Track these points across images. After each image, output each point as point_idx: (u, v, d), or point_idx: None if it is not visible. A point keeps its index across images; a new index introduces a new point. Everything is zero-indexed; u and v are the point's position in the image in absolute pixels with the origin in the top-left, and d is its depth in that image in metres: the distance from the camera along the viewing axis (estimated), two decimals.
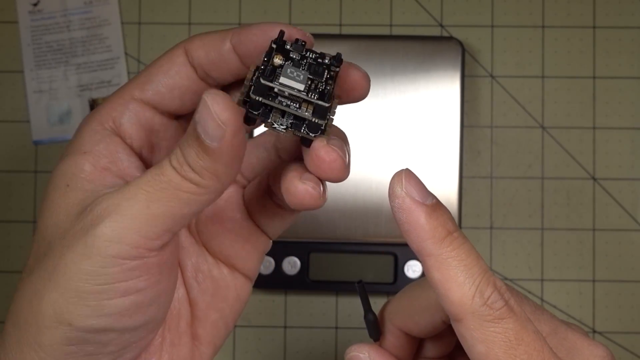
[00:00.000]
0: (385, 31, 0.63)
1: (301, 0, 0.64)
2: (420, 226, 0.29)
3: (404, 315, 0.34)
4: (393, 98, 0.60)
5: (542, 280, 0.62)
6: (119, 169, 0.31)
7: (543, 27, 0.63)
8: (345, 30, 0.63)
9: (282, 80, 0.29)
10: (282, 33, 0.30)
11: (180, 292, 0.34)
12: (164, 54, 0.33)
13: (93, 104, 0.64)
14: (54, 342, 0.29)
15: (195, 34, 0.33)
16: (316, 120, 0.29)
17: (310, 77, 0.29)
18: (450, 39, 0.62)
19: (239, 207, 0.35)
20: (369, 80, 0.31)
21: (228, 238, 0.35)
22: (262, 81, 0.29)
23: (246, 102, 0.29)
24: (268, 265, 0.60)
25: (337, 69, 0.30)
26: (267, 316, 0.62)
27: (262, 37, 0.31)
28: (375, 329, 0.34)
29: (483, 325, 0.29)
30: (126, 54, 0.64)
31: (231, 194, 0.35)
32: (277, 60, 0.29)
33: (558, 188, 0.63)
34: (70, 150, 0.31)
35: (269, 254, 0.59)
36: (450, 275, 0.29)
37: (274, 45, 0.30)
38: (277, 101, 0.29)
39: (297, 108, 0.29)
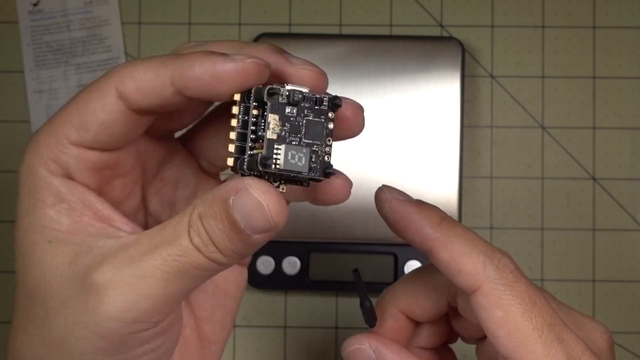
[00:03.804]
0: (385, 31, 0.63)
1: (301, 0, 0.64)
2: (415, 217, 0.31)
3: (408, 297, 0.35)
4: (393, 98, 0.60)
5: (542, 280, 0.62)
6: (95, 213, 0.29)
7: (543, 27, 0.63)
8: (345, 30, 0.63)
9: (283, 164, 0.27)
10: (248, 92, 0.27)
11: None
12: (94, 91, 0.29)
13: None
14: None
15: (125, 69, 0.29)
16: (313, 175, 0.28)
17: (311, 143, 0.27)
18: (450, 39, 0.62)
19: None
20: (363, 114, 0.30)
21: None
22: (261, 168, 0.27)
23: (238, 159, 0.28)
24: (268, 265, 0.60)
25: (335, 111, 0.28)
26: (267, 316, 0.62)
27: (213, 84, 0.27)
28: (372, 316, 0.34)
29: (499, 289, 0.30)
30: (126, 54, 0.64)
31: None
32: (274, 129, 0.27)
33: (558, 188, 0.63)
34: (29, 203, 0.29)
35: (269, 253, 0.60)
36: (457, 251, 0.31)
37: (255, 103, 0.27)
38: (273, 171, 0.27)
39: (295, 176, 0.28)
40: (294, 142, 0.27)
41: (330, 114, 0.28)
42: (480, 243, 0.31)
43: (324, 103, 0.28)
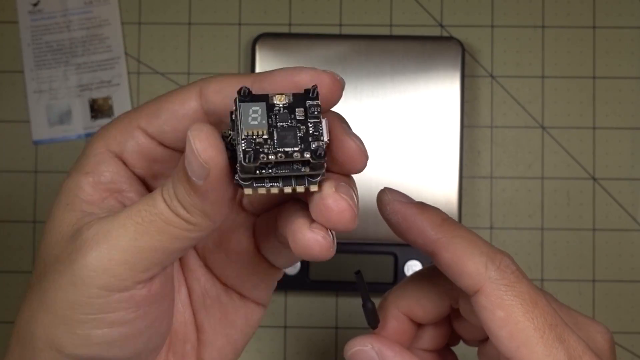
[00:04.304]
0: (385, 31, 0.63)
1: (301, 0, 0.64)
2: (417, 219, 0.32)
3: (411, 299, 0.35)
4: (393, 98, 0.60)
5: (542, 280, 0.62)
6: (119, 193, 0.30)
7: (543, 27, 0.63)
8: (345, 30, 0.64)
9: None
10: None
11: (186, 314, 0.33)
12: (180, 89, 0.31)
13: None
14: None
15: (213, 76, 0.30)
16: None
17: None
18: (450, 39, 0.62)
19: (246, 238, 0.33)
20: (366, 154, 0.30)
21: (233, 268, 0.33)
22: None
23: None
24: None
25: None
26: (267, 316, 0.62)
27: (288, 85, 0.28)
28: (374, 317, 0.34)
29: (500, 290, 0.30)
30: (126, 54, 0.64)
31: (239, 224, 0.33)
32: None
33: (558, 188, 0.63)
34: (74, 169, 0.31)
35: None
36: (459, 251, 0.31)
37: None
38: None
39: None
40: (283, 125, 0.27)
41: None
42: (481, 244, 0.31)
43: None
